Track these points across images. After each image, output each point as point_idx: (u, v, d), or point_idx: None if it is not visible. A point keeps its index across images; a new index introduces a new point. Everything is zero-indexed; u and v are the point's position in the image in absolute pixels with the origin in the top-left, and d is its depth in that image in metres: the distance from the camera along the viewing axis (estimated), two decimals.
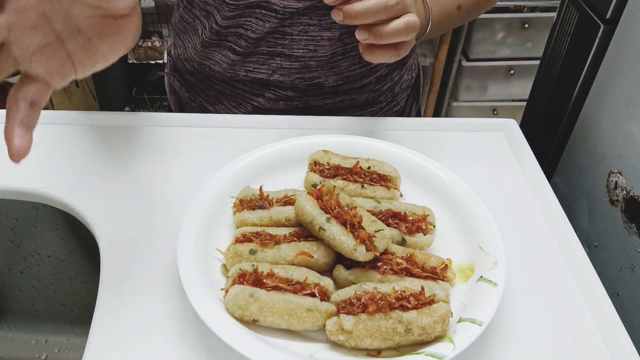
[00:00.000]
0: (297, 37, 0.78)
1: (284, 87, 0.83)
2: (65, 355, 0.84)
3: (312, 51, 0.79)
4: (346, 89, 0.85)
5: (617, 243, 0.80)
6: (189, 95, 0.92)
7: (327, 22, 0.77)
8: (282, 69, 0.81)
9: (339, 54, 0.80)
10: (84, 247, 0.76)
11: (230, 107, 0.88)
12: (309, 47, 0.79)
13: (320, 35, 0.78)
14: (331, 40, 0.79)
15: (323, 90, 0.84)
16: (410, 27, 0.61)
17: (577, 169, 0.91)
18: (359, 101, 0.87)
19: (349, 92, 0.86)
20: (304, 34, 0.78)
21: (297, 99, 0.84)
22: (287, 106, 0.85)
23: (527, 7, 2.04)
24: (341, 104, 0.86)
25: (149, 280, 0.59)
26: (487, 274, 0.56)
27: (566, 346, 0.55)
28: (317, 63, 0.80)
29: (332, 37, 0.78)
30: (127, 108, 2.50)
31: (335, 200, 0.57)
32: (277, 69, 0.81)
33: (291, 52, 0.79)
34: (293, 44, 0.79)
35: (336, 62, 0.81)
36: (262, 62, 0.81)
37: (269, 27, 0.77)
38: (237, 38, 0.79)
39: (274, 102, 0.85)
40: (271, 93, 0.84)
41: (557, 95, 0.97)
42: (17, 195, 0.70)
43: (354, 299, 0.51)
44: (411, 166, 0.69)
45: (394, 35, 0.60)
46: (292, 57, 0.80)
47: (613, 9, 0.81)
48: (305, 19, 0.77)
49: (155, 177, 0.71)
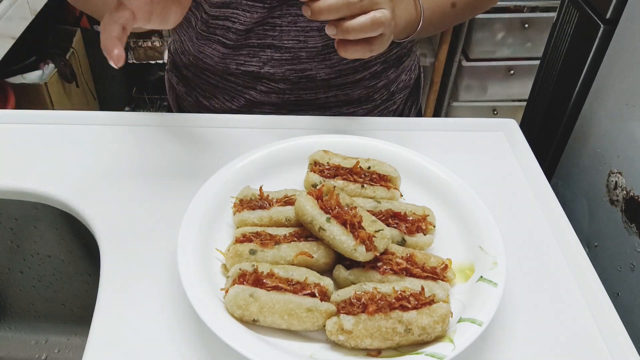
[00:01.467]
0: (287, 28, 0.78)
1: (275, 80, 0.83)
2: (65, 355, 0.84)
3: (302, 42, 0.79)
4: (339, 82, 0.85)
5: (617, 243, 0.80)
6: (185, 90, 0.93)
7: None
8: (272, 61, 0.81)
9: (330, 46, 0.80)
10: (84, 247, 0.76)
11: (224, 100, 0.88)
12: (298, 38, 0.79)
13: (310, 26, 0.78)
14: (321, 31, 0.78)
15: (315, 83, 0.84)
16: (376, 22, 0.63)
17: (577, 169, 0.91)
18: (352, 97, 0.87)
19: (342, 86, 0.85)
20: (293, 25, 0.78)
21: (289, 91, 0.84)
22: (279, 99, 0.85)
23: (527, 7, 2.04)
24: (334, 98, 0.86)
25: (149, 280, 0.59)
26: (487, 274, 0.56)
27: (566, 346, 0.55)
28: (308, 54, 0.80)
29: (322, 27, 0.77)
30: (127, 108, 2.50)
31: (335, 200, 0.57)
32: (268, 61, 0.81)
33: (281, 43, 0.79)
34: (282, 35, 0.78)
35: (327, 54, 0.81)
36: (252, 55, 0.81)
37: (257, 18, 0.77)
38: (226, 31, 0.80)
39: (266, 95, 0.85)
40: (263, 86, 0.84)
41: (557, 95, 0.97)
42: (17, 195, 0.70)
43: (354, 299, 0.51)
44: (411, 166, 0.69)
45: (359, 30, 0.63)
46: (282, 48, 0.80)
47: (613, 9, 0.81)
48: (294, 9, 0.76)
49: (155, 177, 0.71)
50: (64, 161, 0.73)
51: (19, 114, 0.81)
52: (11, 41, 1.50)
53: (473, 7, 0.84)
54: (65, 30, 2.03)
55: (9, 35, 1.49)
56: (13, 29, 1.51)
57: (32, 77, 1.80)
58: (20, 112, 0.81)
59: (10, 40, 1.49)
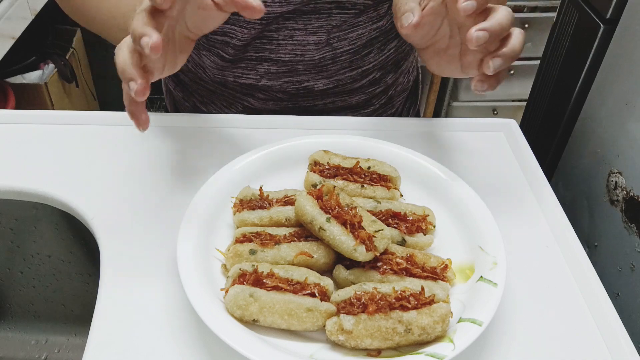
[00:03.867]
0: (284, 42, 0.78)
1: (273, 91, 0.83)
2: (65, 355, 0.84)
3: (299, 55, 0.79)
4: (337, 91, 0.85)
5: (617, 243, 0.80)
6: (183, 95, 0.93)
7: (313, 27, 0.77)
8: (269, 74, 0.81)
9: (327, 58, 0.80)
10: (84, 247, 0.76)
11: (222, 107, 0.88)
12: (295, 51, 0.79)
13: (307, 40, 0.78)
14: (318, 44, 0.78)
15: (313, 93, 0.84)
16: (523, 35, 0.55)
17: (577, 169, 0.91)
18: (350, 103, 0.87)
19: (340, 94, 0.85)
20: (289, 39, 0.77)
21: (287, 100, 0.84)
22: (277, 106, 0.85)
23: (527, 7, 2.04)
24: (332, 105, 0.86)
25: (148, 280, 0.59)
26: (487, 274, 0.56)
27: (566, 346, 0.55)
28: (305, 66, 0.80)
29: (319, 41, 0.78)
30: None
31: (335, 200, 0.57)
32: (265, 74, 0.81)
33: (278, 56, 0.79)
34: (279, 48, 0.78)
35: (324, 66, 0.81)
36: (250, 68, 0.81)
37: (255, 33, 0.77)
38: (225, 46, 0.79)
39: (264, 102, 0.85)
40: (261, 94, 0.84)
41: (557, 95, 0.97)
42: (17, 195, 0.70)
43: (354, 299, 0.51)
44: (411, 166, 0.69)
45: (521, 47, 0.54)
46: (279, 61, 0.80)
47: (613, 9, 0.81)
48: (290, 23, 0.76)
49: (155, 177, 0.71)
50: (64, 161, 0.73)
51: (19, 114, 0.81)
52: (11, 41, 1.50)
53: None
54: (65, 30, 2.03)
55: (9, 35, 1.49)
56: (13, 29, 1.51)
57: (32, 77, 1.80)
58: (20, 112, 0.81)
59: (10, 40, 1.50)
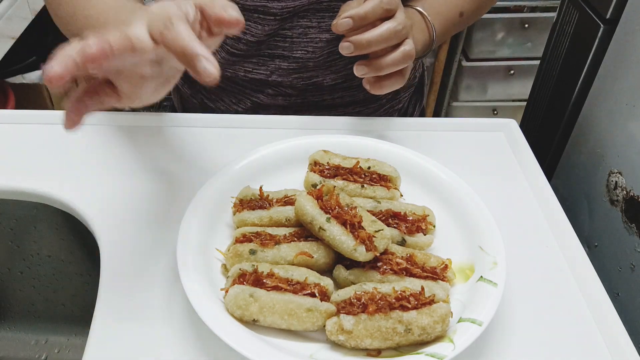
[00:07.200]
0: (297, 40, 0.79)
1: (283, 86, 0.83)
2: (65, 355, 0.84)
3: (311, 52, 0.80)
4: (345, 86, 0.85)
5: (617, 243, 0.80)
6: (191, 92, 0.93)
7: (326, 24, 0.78)
8: (280, 70, 0.81)
9: (335, 53, 0.80)
10: (84, 247, 0.76)
11: (230, 103, 0.88)
12: (307, 48, 0.79)
13: (319, 37, 0.78)
14: (329, 41, 0.79)
15: (322, 88, 0.84)
16: (407, 56, 0.65)
17: (577, 169, 0.91)
18: (358, 97, 0.87)
19: (349, 89, 0.86)
20: (303, 37, 0.78)
21: (296, 95, 0.85)
22: (286, 101, 0.85)
23: (527, 7, 2.04)
24: (340, 99, 0.87)
25: (149, 280, 0.59)
26: (487, 274, 0.56)
27: (566, 346, 0.55)
28: (315, 63, 0.81)
29: (331, 38, 0.79)
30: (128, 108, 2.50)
31: (335, 200, 0.57)
32: (276, 70, 0.81)
33: (290, 53, 0.80)
34: (293, 46, 0.79)
35: (333, 61, 0.81)
36: (261, 64, 0.81)
37: (269, 30, 0.77)
38: (235, 42, 0.80)
39: (273, 98, 0.85)
40: (270, 89, 0.84)
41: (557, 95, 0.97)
42: (17, 195, 0.70)
43: (354, 299, 0.51)
44: (411, 166, 0.69)
45: (392, 66, 0.65)
46: (291, 58, 0.80)
47: (613, 9, 0.81)
48: (304, 21, 0.77)
49: (155, 177, 0.71)
50: (64, 161, 0.73)
51: (19, 114, 0.81)
52: (11, 41, 1.50)
53: (478, 10, 0.84)
54: None
55: (9, 35, 1.49)
56: (13, 29, 1.51)
57: (32, 77, 1.80)
58: (20, 112, 0.81)
59: (10, 40, 1.49)
